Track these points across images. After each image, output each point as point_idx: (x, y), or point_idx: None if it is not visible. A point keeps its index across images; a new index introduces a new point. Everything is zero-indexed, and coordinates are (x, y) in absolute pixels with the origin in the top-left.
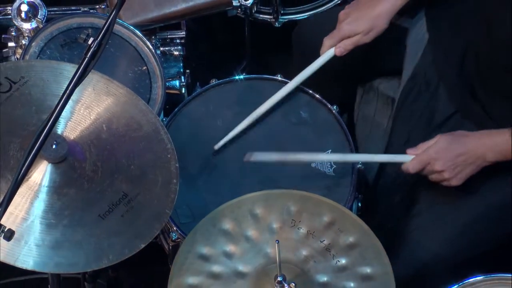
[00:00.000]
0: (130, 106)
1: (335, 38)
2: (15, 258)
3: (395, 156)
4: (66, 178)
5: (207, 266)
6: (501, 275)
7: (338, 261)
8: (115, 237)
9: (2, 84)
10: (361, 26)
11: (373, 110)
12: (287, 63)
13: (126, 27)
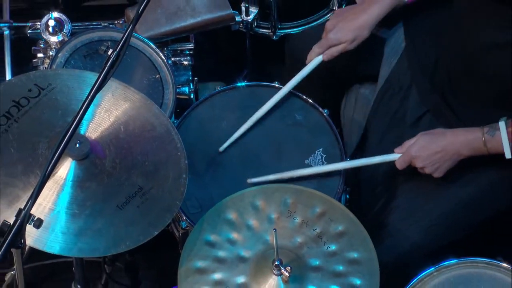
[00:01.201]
0: (144, 110)
1: (323, 46)
2: (43, 244)
3: (385, 156)
4: (88, 173)
5: (213, 252)
6: (472, 259)
7: (328, 247)
8: (131, 225)
9: (32, 90)
10: (346, 36)
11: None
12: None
13: (141, 39)
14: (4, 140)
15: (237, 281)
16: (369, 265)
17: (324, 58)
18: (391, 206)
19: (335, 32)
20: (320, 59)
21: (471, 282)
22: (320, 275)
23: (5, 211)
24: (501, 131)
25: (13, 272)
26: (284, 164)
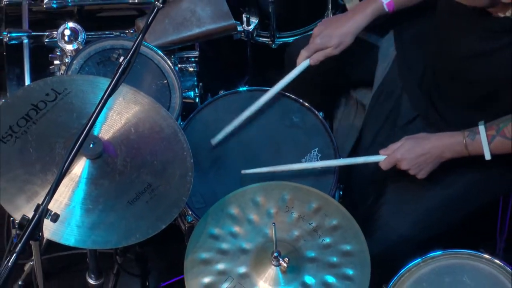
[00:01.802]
0: (153, 113)
1: (310, 50)
2: (60, 236)
3: (370, 157)
4: (101, 171)
5: (216, 244)
6: (456, 251)
7: (323, 240)
8: (141, 219)
9: (49, 94)
10: (331, 41)
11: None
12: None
13: (150, 48)
14: (24, 140)
15: (239, 271)
16: (361, 257)
17: (310, 62)
18: (380, 202)
19: (321, 37)
20: (307, 63)
21: (455, 272)
22: (316, 266)
23: (25, 207)
24: (481, 135)
25: (31, 263)
26: (283, 162)
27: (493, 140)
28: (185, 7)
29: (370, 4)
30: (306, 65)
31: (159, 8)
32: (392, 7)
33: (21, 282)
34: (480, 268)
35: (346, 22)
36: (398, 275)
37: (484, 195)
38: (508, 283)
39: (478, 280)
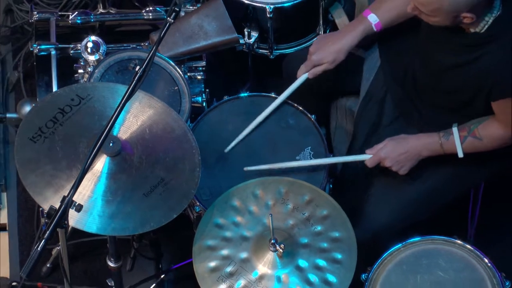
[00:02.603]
0: (165, 116)
1: (308, 66)
2: (83, 224)
3: (358, 156)
4: (119, 167)
5: (221, 232)
6: (433, 237)
7: (315, 228)
8: (155, 209)
9: (74, 99)
10: (327, 58)
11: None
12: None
13: (163, 58)
14: (51, 140)
15: (241, 256)
16: (348, 242)
17: (309, 76)
18: (367, 194)
19: (317, 54)
20: (306, 76)
21: (432, 255)
22: (308, 251)
23: (52, 198)
24: (454, 135)
25: (58, 248)
26: (280, 159)
27: (465, 140)
28: (193, 22)
29: (360, 24)
30: (305, 78)
31: (170, 23)
32: (380, 27)
33: (49, 264)
34: (454, 252)
35: (339, 41)
36: (381, 259)
37: (457, 188)
38: (479, 266)
39: (451, 263)
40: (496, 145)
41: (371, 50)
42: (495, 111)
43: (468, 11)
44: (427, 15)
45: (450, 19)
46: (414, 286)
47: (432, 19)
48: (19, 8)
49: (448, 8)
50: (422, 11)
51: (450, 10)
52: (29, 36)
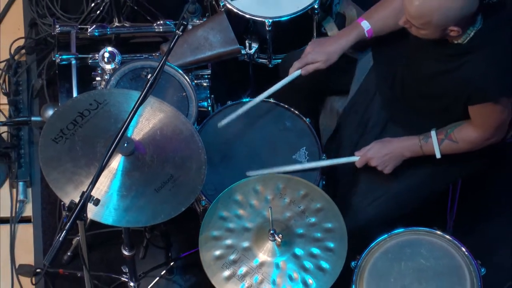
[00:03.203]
0: (175, 119)
1: (302, 63)
2: (100, 217)
3: (348, 158)
4: (133, 165)
5: (225, 224)
6: (415, 228)
7: (310, 220)
8: (165, 203)
9: (92, 104)
10: (320, 57)
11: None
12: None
13: (172, 67)
14: (72, 141)
15: (243, 245)
16: (340, 233)
17: (302, 73)
18: (355, 190)
19: (312, 53)
20: (298, 72)
21: (414, 245)
22: (304, 240)
23: (72, 193)
24: (433, 138)
25: (78, 238)
26: (278, 158)
27: (442, 142)
28: (199, 34)
29: (353, 30)
30: (298, 74)
31: (179, 36)
32: (371, 34)
33: (69, 253)
34: (434, 242)
35: (333, 43)
36: (369, 248)
37: (436, 185)
38: (457, 254)
39: (432, 251)
40: (470, 147)
41: (364, 52)
42: (472, 115)
43: (455, 24)
44: (418, 28)
45: (439, 32)
46: (399, 272)
47: (421, 32)
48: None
49: (437, 22)
50: (413, 24)
51: (439, 24)
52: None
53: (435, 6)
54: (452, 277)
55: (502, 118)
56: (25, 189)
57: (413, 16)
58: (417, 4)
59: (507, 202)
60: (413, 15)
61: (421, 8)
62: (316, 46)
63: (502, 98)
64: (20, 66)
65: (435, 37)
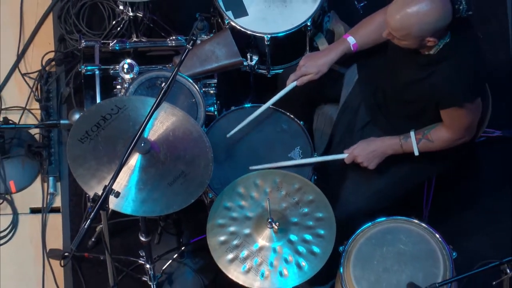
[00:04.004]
0: (185, 122)
1: (297, 75)
2: (120, 207)
3: (338, 155)
4: (149, 163)
5: (229, 213)
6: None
7: (303, 210)
8: (177, 196)
9: (113, 109)
10: (313, 69)
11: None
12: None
13: (183, 77)
14: (95, 141)
15: (244, 232)
16: (329, 221)
17: (297, 84)
18: (343, 184)
19: (305, 66)
20: (294, 84)
21: (395, 232)
22: (298, 228)
23: (96, 187)
24: (412, 138)
25: (101, 226)
26: (275, 155)
27: (420, 142)
28: (207, 48)
29: (341, 45)
30: (294, 85)
31: (189, 49)
32: (356, 47)
33: (93, 239)
34: (412, 229)
35: (323, 57)
36: (355, 234)
37: (414, 179)
38: (431, 240)
39: (410, 238)
40: (444, 146)
41: (350, 67)
42: (443, 118)
43: (431, 36)
44: (399, 39)
45: (417, 43)
46: (381, 256)
47: (402, 43)
48: (70, 37)
49: (415, 34)
50: (395, 36)
51: (417, 35)
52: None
53: (413, 20)
54: (428, 260)
55: (469, 120)
56: (54, 183)
57: (395, 29)
58: (398, 18)
59: (475, 195)
60: (394, 28)
61: (401, 22)
62: (308, 60)
63: (467, 102)
64: (51, 76)
65: (415, 47)
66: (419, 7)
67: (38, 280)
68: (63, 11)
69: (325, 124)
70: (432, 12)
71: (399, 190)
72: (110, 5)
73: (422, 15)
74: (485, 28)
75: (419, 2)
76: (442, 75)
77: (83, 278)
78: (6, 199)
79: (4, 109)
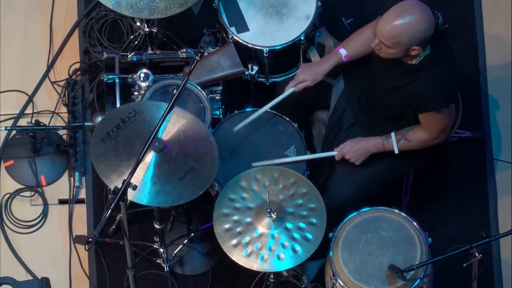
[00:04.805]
0: (194, 124)
1: (295, 82)
2: (137, 199)
3: (329, 152)
4: (162, 160)
5: (232, 204)
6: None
7: (297, 201)
8: (187, 188)
9: (131, 112)
10: (309, 77)
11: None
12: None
13: (192, 84)
14: (116, 141)
15: (246, 220)
16: (320, 211)
17: (295, 90)
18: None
19: (303, 74)
20: (292, 90)
21: (377, 220)
22: (293, 217)
23: (116, 181)
24: (392, 138)
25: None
26: (273, 153)
27: (399, 141)
28: (213, 59)
29: (334, 56)
30: (292, 91)
31: (197, 61)
32: (348, 58)
33: (114, 226)
34: (392, 218)
35: (319, 66)
36: (343, 223)
37: (394, 173)
38: (410, 227)
39: (391, 225)
40: (421, 145)
41: (338, 79)
42: (421, 120)
43: (417, 44)
44: (388, 47)
45: (404, 51)
46: (365, 241)
47: (390, 51)
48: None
49: (406, 41)
50: (384, 44)
51: (406, 43)
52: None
53: (404, 29)
54: (407, 245)
55: (444, 123)
56: (80, 178)
57: (387, 37)
58: (390, 27)
59: (448, 187)
60: (387, 36)
61: (394, 30)
62: (306, 69)
63: (443, 108)
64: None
65: (401, 55)
66: (409, 18)
67: (65, 262)
68: (87, 27)
69: (320, 128)
70: (420, 23)
71: (382, 182)
72: (129, 21)
73: (412, 25)
74: (456, 41)
75: (409, 14)
76: (422, 83)
77: (105, 260)
78: (38, 191)
79: (36, 113)
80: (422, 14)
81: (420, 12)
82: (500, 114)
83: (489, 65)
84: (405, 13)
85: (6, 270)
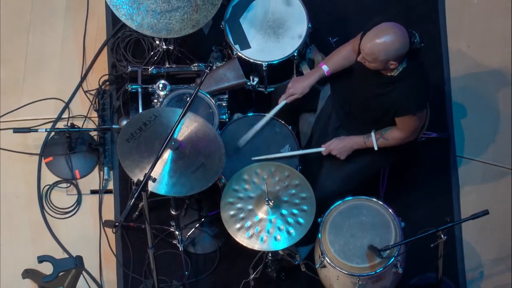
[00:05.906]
0: (204, 126)
1: (286, 95)
2: (157, 189)
3: (317, 148)
4: (177, 156)
5: (236, 194)
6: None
7: (291, 191)
8: (199, 181)
9: (151, 117)
10: (298, 91)
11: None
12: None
13: (203, 93)
14: (138, 141)
15: (248, 208)
16: (310, 200)
17: (287, 101)
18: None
19: (293, 88)
20: (285, 102)
21: (359, 208)
22: (287, 204)
23: (139, 174)
24: (372, 137)
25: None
26: (271, 151)
27: (378, 140)
28: (220, 72)
29: (317, 72)
30: (284, 103)
31: (207, 73)
32: (329, 73)
33: (137, 213)
34: (371, 206)
35: (305, 81)
36: (329, 209)
37: (374, 167)
38: (386, 213)
39: (370, 211)
40: (396, 143)
41: (325, 85)
42: (397, 123)
43: (394, 60)
44: (369, 62)
45: (383, 65)
46: (349, 225)
47: (372, 65)
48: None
49: (382, 58)
50: (367, 59)
51: (383, 59)
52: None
53: (381, 47)
54: (383, 228)
55: (417, 125)
56: (108, 172)
57: (367, 54)
58: (369, 46)
59: (418, 180)
60: (367, 53)
61: (372, 48)
62: (295, 83)
63: (418, 112)
64: (105, 93)
65: (381, 68)
66: (385, 38)
67: (96, 243)
68: (115, 45)
69: (306, 127)
70: (395, 42)
71: (363, 175)
72: (149, 40)
73: (387, 44)
74: (425, 57)
75: (385, 35)
76: (400, 91)
77: (129, 241)
78: (73, 183)
79: (71, 117)
80: (397, 35)
81: (395, 33)
82: (462, 118)
83: (453, 76)
84: (383, 33)
85: (46, 250)
